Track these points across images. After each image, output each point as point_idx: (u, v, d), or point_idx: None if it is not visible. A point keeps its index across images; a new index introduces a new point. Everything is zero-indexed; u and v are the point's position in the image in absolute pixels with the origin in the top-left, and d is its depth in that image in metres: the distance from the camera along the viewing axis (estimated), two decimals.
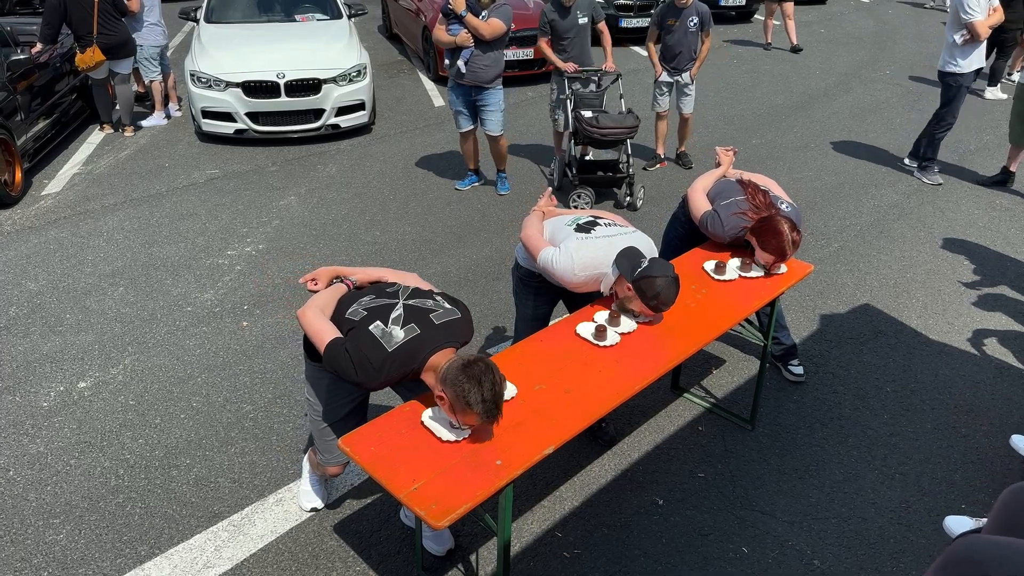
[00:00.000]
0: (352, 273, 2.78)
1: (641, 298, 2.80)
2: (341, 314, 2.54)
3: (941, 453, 3.55)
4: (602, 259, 2.90)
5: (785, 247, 3.20)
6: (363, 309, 2.51)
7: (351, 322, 2.47)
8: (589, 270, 2.89)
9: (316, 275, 2.76)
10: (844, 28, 13.29)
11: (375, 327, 2.42)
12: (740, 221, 3.34)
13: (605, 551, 3.01)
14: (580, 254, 2.88)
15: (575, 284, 2.93)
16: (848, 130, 8.09)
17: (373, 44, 11.82)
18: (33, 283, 4.99)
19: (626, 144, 6.03)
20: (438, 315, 2.51)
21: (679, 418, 3.76)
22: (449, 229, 5.79)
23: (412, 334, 2.42)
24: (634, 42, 11.91)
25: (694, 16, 6.32)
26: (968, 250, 5.50)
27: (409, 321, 2.45)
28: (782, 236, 3.19)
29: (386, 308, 2.50)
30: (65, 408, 3.81)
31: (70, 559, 2.96)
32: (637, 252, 2.86)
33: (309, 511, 3.17)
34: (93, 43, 7.06)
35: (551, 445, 2.35)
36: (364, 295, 2.60)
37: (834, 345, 4.37)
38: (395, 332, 2.41)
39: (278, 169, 6.96)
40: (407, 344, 2.39)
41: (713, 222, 3.40)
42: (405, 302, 2.54)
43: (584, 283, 2.93)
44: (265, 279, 5.05)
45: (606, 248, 2.91)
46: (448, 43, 5.71)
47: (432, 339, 2.43)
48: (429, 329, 2.45)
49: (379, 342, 2.38)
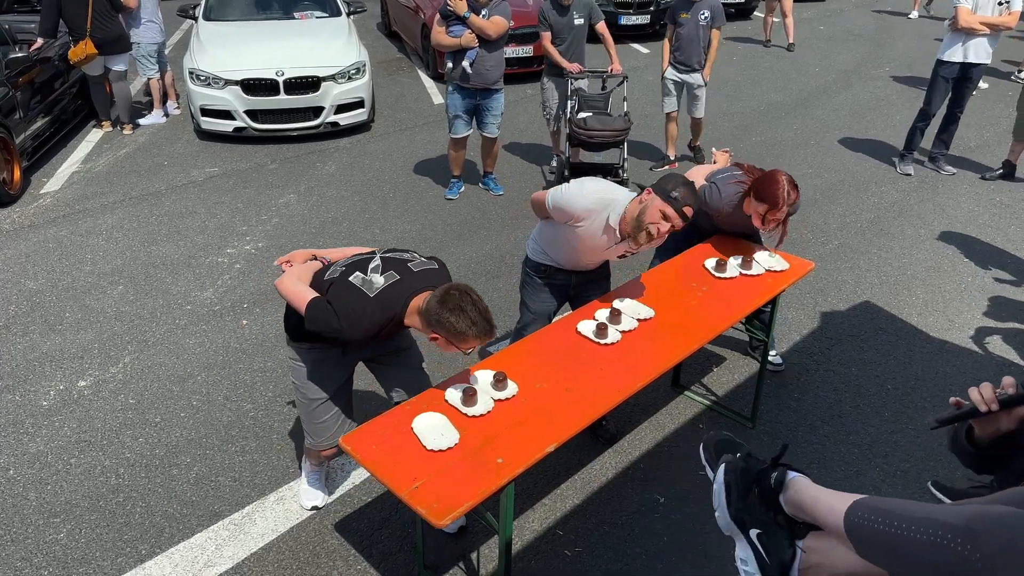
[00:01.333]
0: (327, 253, 2.82)
1: (661, 195, 2.71)
2: (319, 278, 2.58)
3: (942, 450, 3.55)
4: (614, 188, 2.90)
5: (780, 193, 3.10)
6: (341, 267, 2.56)
7: (330, 280, 2.52)
8: (599, 193, 2.86)
9: (291, 257, 2.81)
10: (844, 25, 13.28)
11: (355, 277, 2.47)
12: (738, 188, 3.32)
13: (606, 549, 3.01)
14: (591, 183, 2.90)
15: (583, 211, 2.83)
16: (848, 127, 8.08)
17: (372, 42, 11.80)
18: (32, 282, 4.98)
19: (623, 147, 5.98)
20: (416, 264, 2.56)
21: (680, 416, 3.76)
22: (448, 227, 5.78)
23: (392, 279, 2.46)
24: (633, 39, 11.90)
25: (705, 10, 6.21)
26: (968, 247, 5.50)
27: (388, 269, 2.50)
28: (779, 184, 3.11)
29: (364, 261, 2.56)
30: (65, 407, 3.81)
31: (71, 558, 2.96)
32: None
33: (310, 509, 3.17)
34: (86, 36, 7.07)
35: (552, 443, 2.35)
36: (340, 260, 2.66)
37: (835, 343, 4.37)
38: (375, 279, 2.46)
39: (277, 167, 6.95)
40: (387, 289, 2.44)
41: (711, 193, 3.38)
42: (382, 255, 2.59)
43: (592, 211, 2.84)
44: (265, 277, 5.04)
45: (611, 185, 2.93)
46: (451, 45, 5.52)
47: (412, 283, 2.47)
48: (408, 275, 2.49)
49: (360, 290, 2.42)
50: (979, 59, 6.18)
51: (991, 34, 6.08)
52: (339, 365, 2.80)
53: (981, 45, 6.14)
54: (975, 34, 6.06)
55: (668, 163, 6.88)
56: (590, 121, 5.79)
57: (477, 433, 2.37)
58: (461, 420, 2.42)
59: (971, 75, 6.28)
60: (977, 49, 6.16)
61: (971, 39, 6.11)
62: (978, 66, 6.23)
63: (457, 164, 6.20)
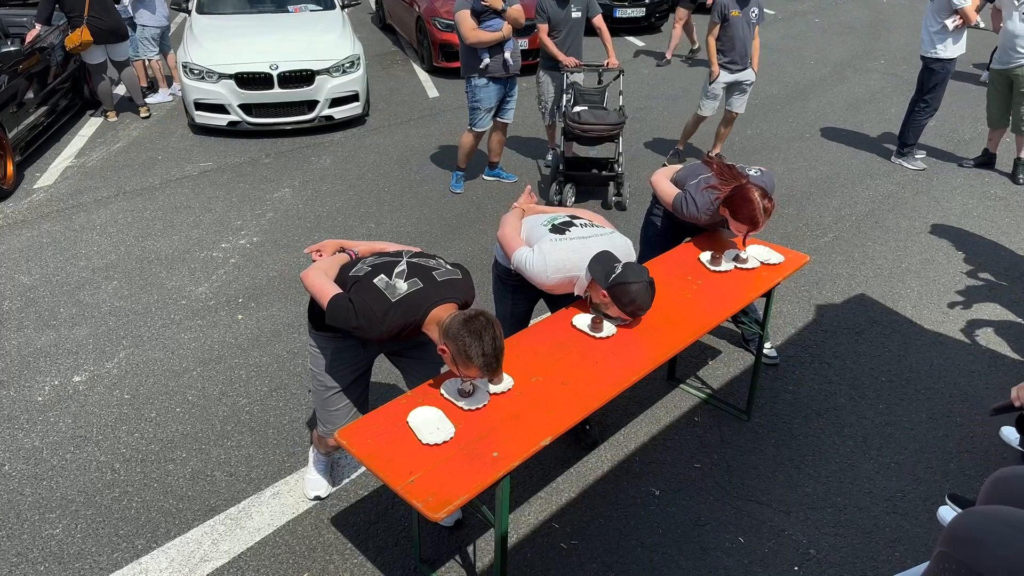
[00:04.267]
0: (356, 246, 2.83)
1: (616, 304, 2.77)
2: (344, 275, 2.60)
3: (936, 442, 3.56)
4: (575, 261, 2.85)
5: (757, 215, 3.14)
6: (367, 266, 2.57)
7: (355, 278, 2.53)
8: (562, 272, 2.84)
9: (321, 246, 2.83)
10: (839, 18, 13.27)
11: (379, 280, 2.48)
12: (712, 194, 3.31)
13: (602, 541, 3.02)
14: (553, 256, 2.83)
15: (549, 286, 2.89)
16: (843, 120, 8.09)
17: (366, 35, 11.76)
18: (26, 277, 4.96)
19: (618, 141, 5.95)
20: (440, 273, 2.56)
21: (675, 409, 3.77)
22: (444, 221, 5.77)
23: (415, 287, 2.47)
24: (629, 32, 11.88)
25: (755, 8, 6.11)
26: (962, 240, 5.52)
27: (413, 275, 2.51)
28: (753, 204, 3.14)
29: (390, 264, 2.56)
30: (60, 402, 3.80)
31: (67, 553, 2.96)
32: (611, 256, 2.81)
33: (312, 498, 3.17)
34: (83, 24, 7.21)
35: (548, 437, 2.35)
36: (367, 259, 2.66)
37: (829, 335, 4.38)
38: (399, 284, 2.46)
39: (272, 161, 6.93)
40: (410, 296, 2.44)
41: (687, 204, 3.37)
42: (409, 260, 2.60)
43: (558, 284, 2.88)
44: (260, 272, 5.03)
45: (580, 250, 2.86)
46: (494, 39, 5.50)
47: (435, 293, 2.48)
48: (432, 284, 2.50)
49: (383, 293, 2.43)
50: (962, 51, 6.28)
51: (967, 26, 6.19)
52: (358, 356, 2.81)
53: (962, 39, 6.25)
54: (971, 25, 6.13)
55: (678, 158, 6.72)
56: (585, 115, 5.76)
57: (473, 427, 2.37)
58: (457, 414, 2.42)
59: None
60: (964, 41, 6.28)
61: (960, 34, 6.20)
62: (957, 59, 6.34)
63: (470, 158, 6.24)
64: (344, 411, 2.86)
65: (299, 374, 4.00)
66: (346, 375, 2.82)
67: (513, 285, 3.28)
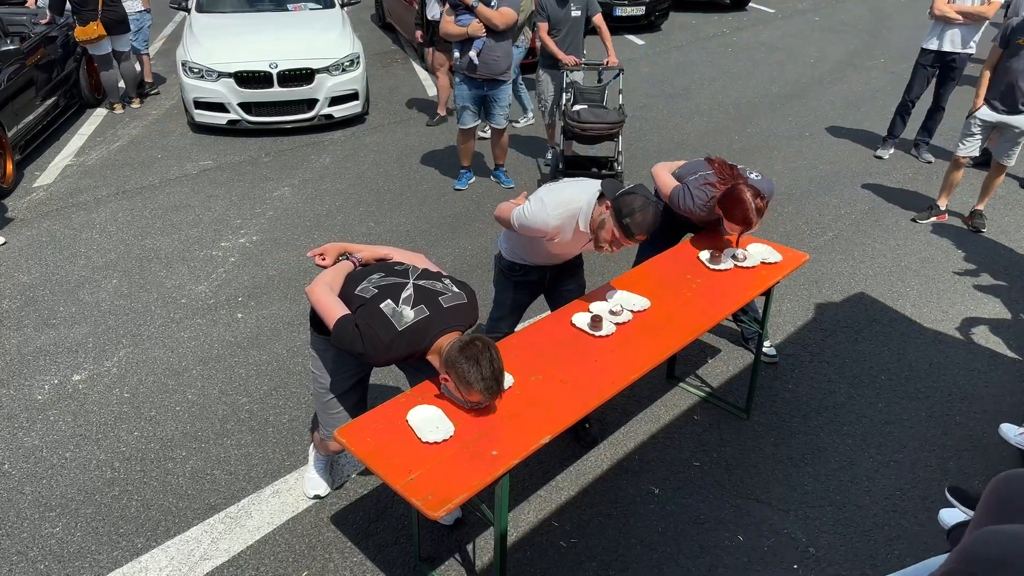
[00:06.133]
0: (359, 251, 2.82)
1: (616, 216, 2.71)
2: (350, 291, 2.58)
3: (935, 440, 3.57)
4: (574, 192, 2.84)
5: (749, 215, 3.18)
6: (373, 287, 2.55)
7: (361, 299, 2.51)
8: (562, 206, 2.82)
9: (324, 250, 2.82)
10: (838, 16, 13.27)
11: (386, 306, 2.47)
12: (709, 191, 3.34)
13: (601, 540, 3.02)
14: (550, 196, 2.84)
15: (553, 229, 2.84)
16: (843, 118, 8.09)
17: (366, 33, 11.75)
18: (26, 276, 4.96)
19: (617, 140, 5.95)
20: (447, 298, 2.55)
21: (675, 407, 3.77)
22: (444, 220, 5.77)
23: (422, 315, 2.46)
24: (629, 31, 11.87)
25: None
26: (962, 238, 5.51)
27: (419, 302, 2.49)
28: (745, 204, 3.17)
29: (397, 287, 2.54)
30: (60, 401, 3.80)
31: (67, 552, 2.96)
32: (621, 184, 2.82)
33: (312, 498, 3.18)
34: (97, 18, 7.39)
35: (547, 435, 2.35)
36: (373, 272, 2.64)
37: (829, 333, 4.38)
38: (405, 312, 2.45)
39: (271, 160, 6.93)
40: (416, 325, 2.44)
41: (684, 197, 3.40)
42: (415, 282, 2.58)
43: (561, 226, 2.84)
44: (259, 270, 5.03)
45: (576, 183, 2.86)
46: (458, 34, 5.46)
47: (440, 321, 2.47)
48: (438, 312, 2.49)
49: (389, 321, 2.42)
50: (956, 48, 6.20)
51: (968, 24, 6.07)
52: (359, 360, 2.80)
53: (958, 35, 6.15)
54: (951, 23, 6.08)
55: (936, 214, 5.72)
56: (584, 114, 5.76)
57: (472, 425, 2.37)
58: (456, 412, 2.42)
59: (953, 65, 6.30)
60: (954, 38, 6.17)
61: (948, 28, 6.14)
62: (957, 56, 6.23)
63: (466, 155, 6.21)
64: (344, 415, 2.86)
65: (299, 373, 4.01)
66: (347, 379, 2.81)
67: (517, 280, 3.29)
